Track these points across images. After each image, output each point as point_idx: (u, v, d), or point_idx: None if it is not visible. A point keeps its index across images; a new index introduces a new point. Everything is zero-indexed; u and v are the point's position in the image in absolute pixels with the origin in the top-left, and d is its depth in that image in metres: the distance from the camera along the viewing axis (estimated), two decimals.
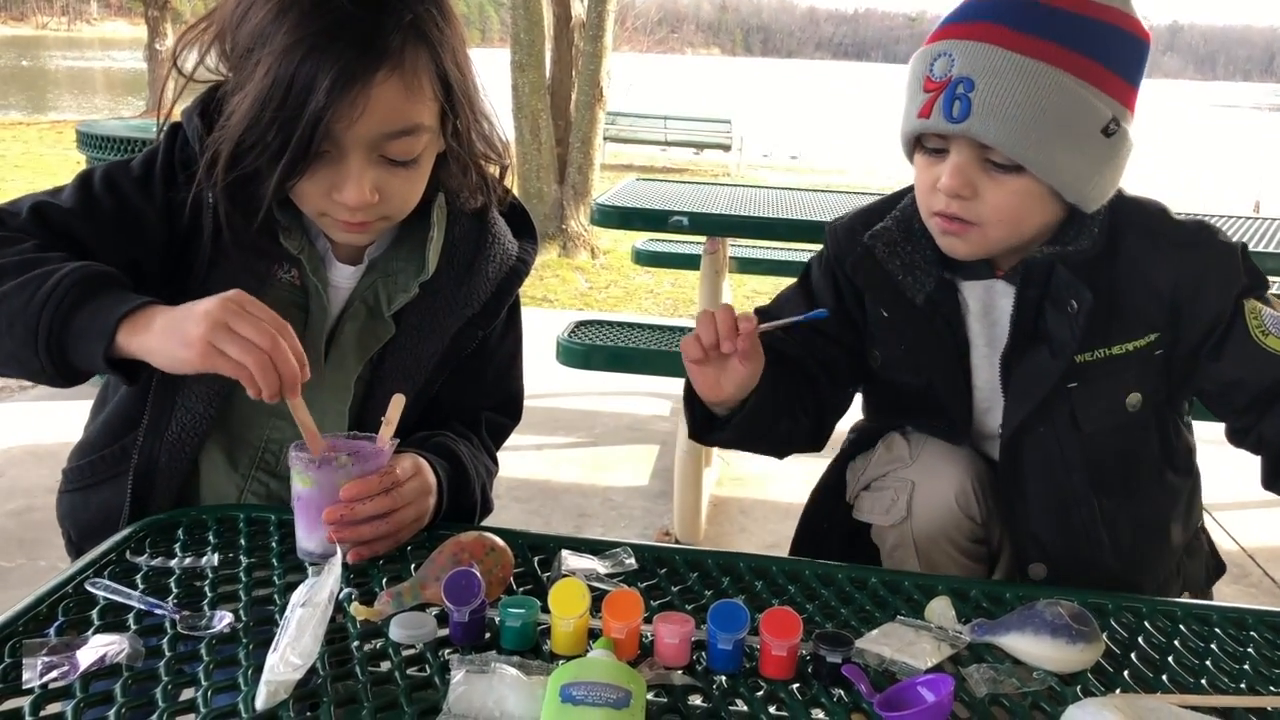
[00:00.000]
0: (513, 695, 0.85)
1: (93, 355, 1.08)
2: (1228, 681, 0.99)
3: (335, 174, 1.17)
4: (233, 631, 0.97)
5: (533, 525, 3.03)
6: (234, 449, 1.31)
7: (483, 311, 1.36)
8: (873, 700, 0.89)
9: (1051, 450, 1.39)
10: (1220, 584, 2.91)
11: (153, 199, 1.24)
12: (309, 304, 1.30)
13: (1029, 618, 1.00)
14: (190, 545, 1.15)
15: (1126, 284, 1.35)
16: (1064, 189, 1.31)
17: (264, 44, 1.12)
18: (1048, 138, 1.27)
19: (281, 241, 1.27)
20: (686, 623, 0.96)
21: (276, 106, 1.10)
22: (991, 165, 1.30)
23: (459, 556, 1.04)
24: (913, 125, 1.34)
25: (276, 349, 1.04)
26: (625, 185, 3.78)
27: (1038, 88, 1.25)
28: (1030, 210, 1.32)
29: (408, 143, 1.17)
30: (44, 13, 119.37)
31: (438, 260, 1.31)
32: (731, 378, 1.29)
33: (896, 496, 1.43)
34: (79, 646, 0.91)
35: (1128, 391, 1.37)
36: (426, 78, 1.16)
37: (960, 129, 1.27)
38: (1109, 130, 1.29)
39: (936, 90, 1.28)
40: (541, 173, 8.40)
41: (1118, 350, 1.35)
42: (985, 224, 1.32)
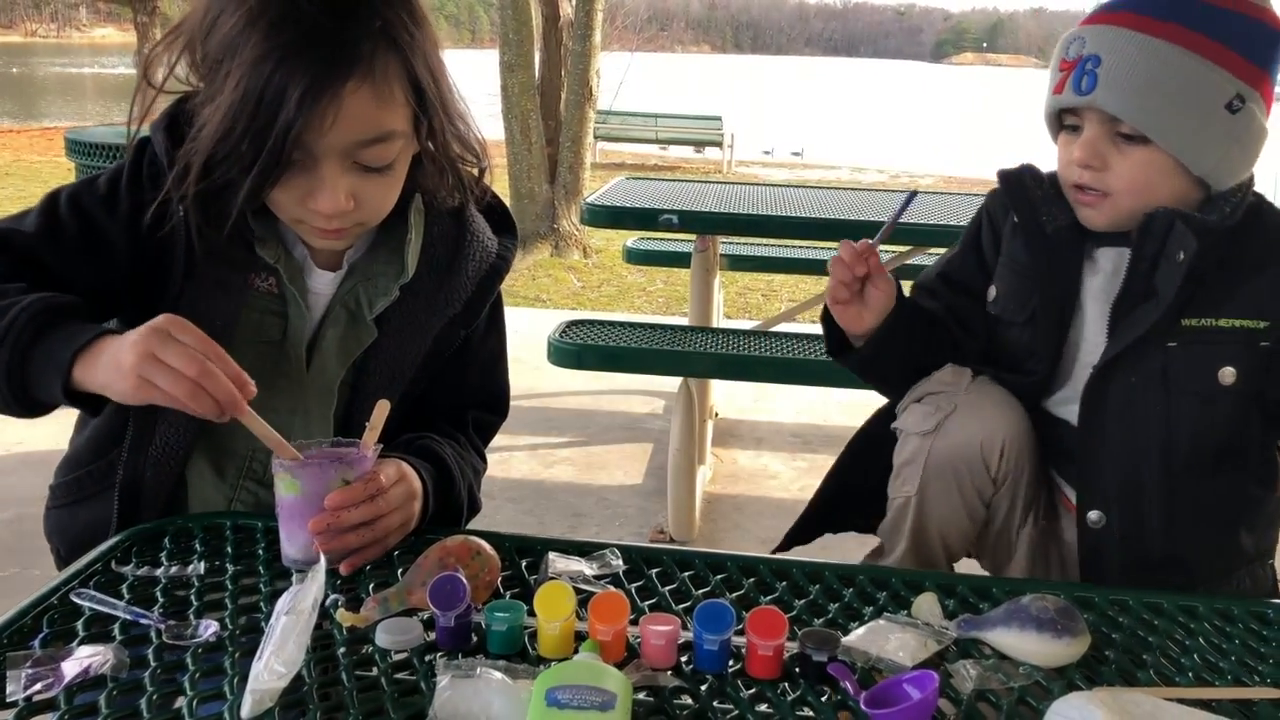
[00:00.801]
0: (498, 700, 0.85)
1: (52, 390, 1.09)
2: (1212, 674, 1.00)
3: (309, 182, 1.16)
4: (219, 640, 0.97)
5: (527, 526, 3.03)
6: (220, 459, 1.30)
7: (465, 310, 1.35)
8: (859, 698, 0.89)
9: (1135, 402, 1.41)
10: None
11: (119, 217, 1.23)
12: (288, 312, 1.29)
13: (1015, 613, 1.00)
14: (176, 554, 1.15)
15: (1251, 264, 1.38)
16: (1189, 161, 1.37)
17: (233, 55, 1.11)
18: (1170, 108, 1.35)
19: (258, 251, 1.26)
20: (672, 624, 0.96)
21: (248, 118, 1.09)
22: (1120, 138, 1.38)
23: (445, 561, 1.04)
24: (1050, 102, 1.45)
25: (205, 375, 1.02)
26: (615, 184, 3.79)
27: (1159, 61, 1.35)
28: (1158, 182, 1.39)
29: (381, 150, 1.17)
30: (33, 20, 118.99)
31: (417, 261, 1.31)
32: (872, 306, 1.45)
33: (935, 410, 1.47)
34: (64, 658, 0.91)
35: (1222, 365, 1.38)
36: (398, 84, 1.16)
37: (1087, 100, 1.38)
38: (1233, 106, 1.36)
39: (1069, 69, 1.40)
40: (532, 172, 8.40)
41: (1224, 323, 1.38)
42: (1116, 194, 1.40)
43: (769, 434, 3.90)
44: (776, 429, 3.95)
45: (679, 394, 3.03)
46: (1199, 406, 1.40)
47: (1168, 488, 1.41)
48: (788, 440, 3.83)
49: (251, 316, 1.27)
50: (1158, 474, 1.41)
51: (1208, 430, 1.41)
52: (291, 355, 1.29)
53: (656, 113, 15.63)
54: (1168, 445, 1.41)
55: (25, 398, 1.11)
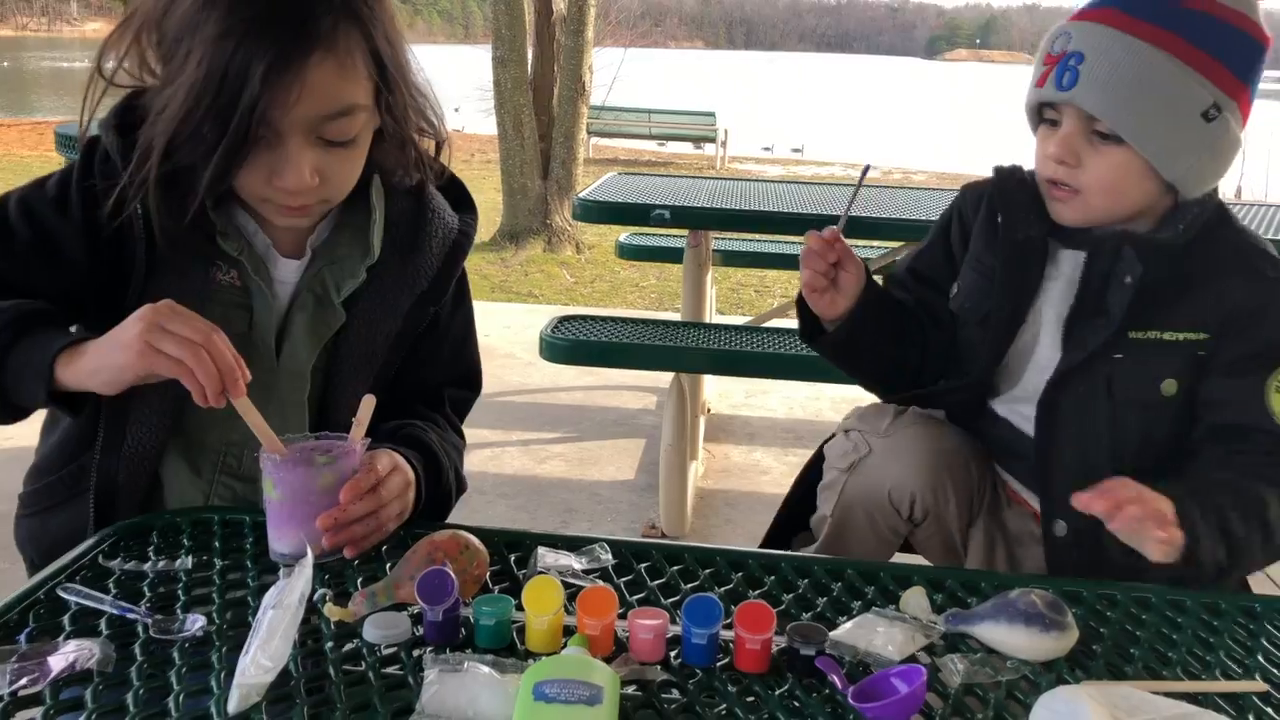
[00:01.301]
0: (486, 694, 0.85)
1: (34, 394, 1.10)
2: (1200, 668, 1.00)
3: (274, 159, 1.15)
4: (206, 635, 0.97)
5: (519, 521, 3.03)
6: (194, 456, 1.29)
7: (431, 288, 1.35)
8: (846, 692, 0.90)
9: (1085, 412, 1.44)
10: None
11: (72, 219, 1.21)
12: (252, 304, 1.28)
13: (1003, 607, 1.00)
14: (164, 549, 1.15)
15: (1199, 281, 1.40)
16: (1160, 165, 1.38)
17: (194, 33, 1.10)
18: (1146, 111, 1.36)
19: (220, 245, 1.25)
20: (661, 618, 0.96)
21: (211, 96, 1.08)
22: (1096, 136, 1.39)
23: (433, 556, 1.04)
24: (1031, 95, 1.46)
25: (212, 343, 1.04)
26: (608, 180, 3.78)
27: (1140, 63, 1.35)
28: (1129, 184, 1.40)
29: (345, 123, 1.16)
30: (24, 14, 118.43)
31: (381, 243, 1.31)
32: (845, 290, 1.46)
33: (853, 449, 1.54)
34: (50, 653, 0.91)
35: (1164, 377, 1.40)
36: (360, 57, 1.15)
37: (1066, 96, 1.39)
38: (1209, 115, 1.36)
39: (1053, 64, 1.41)
40: (525, 168, 8.39)
41: (1168, 337, 1.40)
42: (1087, 192, 1.41)
43: (761, 429, 3.90)
44: (769, 424, 3.95)
45: (671, 389, 3.03)
46: (1143, 415, 1.42)
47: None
48: (780, 435, 3.84)
49: (215, 310, 1.24)
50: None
51: (1153, 437, 1.43)
52: (260, 346, 1.28)
53: (650, 108, 15.62)
54: (1116, 453, 1.43)
55: (4, 402, 1.12)
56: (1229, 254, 1.42)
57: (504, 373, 4.30)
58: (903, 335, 1.57)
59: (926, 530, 1.53)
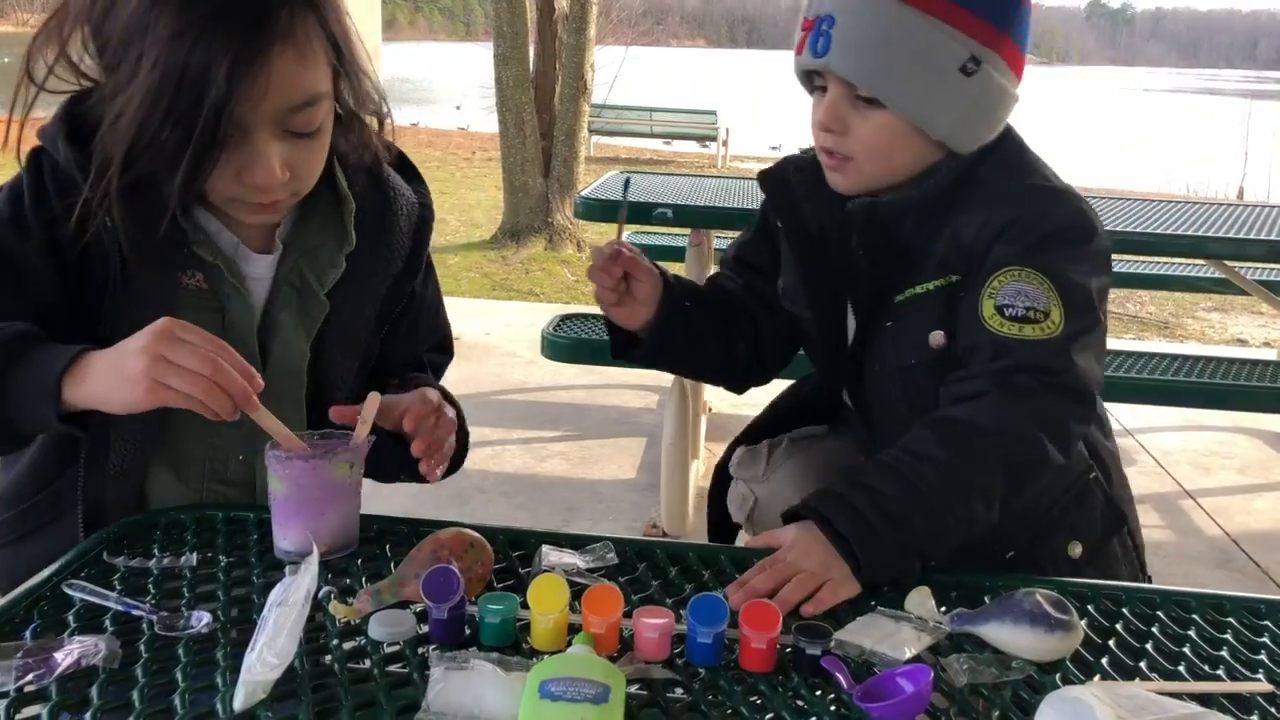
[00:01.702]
0: (491, 691, 0.85)
1: (43, 418, 1.06)
2: (1206, 668, 1.00)
3: (242, 157, 1.13)
4: (211, 632, 0.97)
5: (519, 520, 3.03)
6: (180, 465, 1.27)
7: (407, 266, 1.36)
8: (852, 692, 0.89)
9: (882, 382, 1.44)
10: (1205, 569, 2.94)
11: (30, 238, 1.16)
12: (226, 306, 1.25)
13: (1008, 607, 1.00)
14: (168, 545, 1.15)
15: (949, 230, 1.37)
16: (924, 125, 1.34)
17: (143, 35, 1.06)
18: (901, 72, 1.31)
19: (195, 250, 1.22)
20: (666, 616, 0.96)
21: (170, 100, 1.05)
22: (860, 101, 1.34)
23: (438, 554, 1.04)
24: (794, 63, 1.41)
25: (219, 372, 1.02)
26: (610, 178, 3.78)
27: (889, 22, 1.30)
28: (897, 145, 1.36)
29: (310, 113, 1.15)
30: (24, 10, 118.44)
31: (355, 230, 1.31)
32: (643, 299, 1.42)
33: (743, 501, 1.58)
34: (55, 649, 0.91)
35: (930, 329, 1.37)
36: (319, 43, 1.14)
37: (821, 64, 1.34)
38: (967, 69, 1.32)
39: (809, 28, 1.36)
40: (526, 166, 8.38)
41: (922, 289, 1.38)
42: (858, 159, 1.37)
43: None
44: None
45: (672, 388, 3.03)
46: (929, 374, 1.39)
47: None
48: None
49: (186, 316, 1.17)
50: None
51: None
52: (239, 347, 1.21)
53: (651, 107, 15.60)
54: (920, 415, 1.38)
55: (8, 431, 1.10)
56: (980, 194, 1.37)
57: (505, 371, 4.30)
58: (725, 329, 1.54)
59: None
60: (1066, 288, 1.29)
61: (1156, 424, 3.99)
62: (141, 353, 1.01)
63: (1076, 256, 1.33)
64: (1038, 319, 1.27)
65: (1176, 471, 3.62)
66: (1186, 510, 3.35)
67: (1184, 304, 6.74)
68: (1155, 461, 3.71)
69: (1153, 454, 3.77)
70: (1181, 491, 3.47)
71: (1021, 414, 1.24)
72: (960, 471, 1.19)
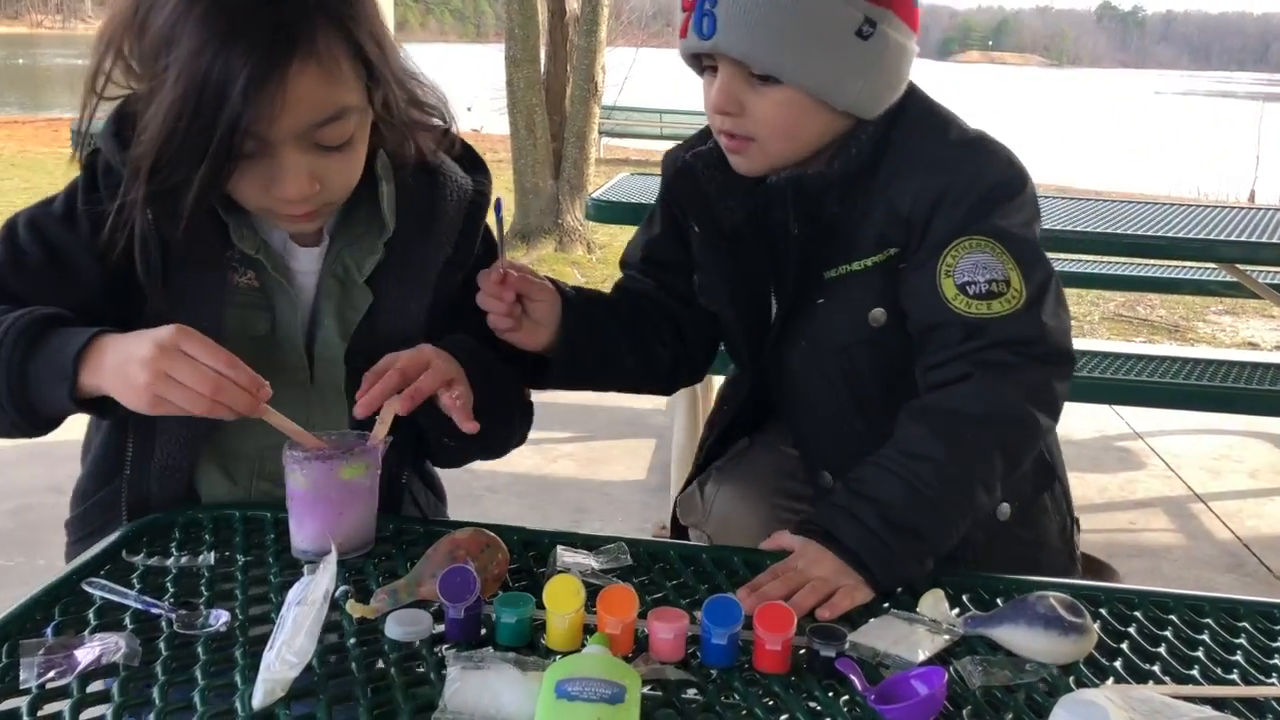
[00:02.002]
0: (508, 691, 0.85)
1: (60, 400, 1.08)
2: (1220, 672, 1.00)
3: (270, 170, 1.13)
4: (229, 630, 0.98)
5: (530, 520, 3.03)
6: (229, 463, 1.29)
7: (456, 252, 1.31)
8: (867, 694, 0.90)
9: (813, 362, 1.40)
10: (1216, 573, 2.94)
11: (80, 234, 1.19)
12: (273, 304, 1.26)
13: (1022, 610, 1.01)
14: (186, 544, 1.16)
15: (877, 200, 1.32)
16: (827, 96, 1.29)
17: (169, 48, 1.07)
18: (794, 45, 1.26)
19: (236, 244, 1.23)
20: (681, 618, 0.96)
21: (190, 115, 1.05)
22: (755, 79, 1.29)
23: (454, 553, 1.05)
24: (681, 47, 1.35)
25: (220, 390, 1.03)
26: (620, 180, 3.78)
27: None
28: (801, 120, 1.31)
29: (337, 128, 1.13)
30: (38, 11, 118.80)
31: (395, 214, 1.28)
32: (543, 320, 1.34)
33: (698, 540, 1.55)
34: (76, 646, 0.92)
35: (870, 307, 1.34)
36: (344, 58, 1.12)
37: (710, 45, 1.28)
38: (864, 32, 1.27)
39: (690, 8, 1.30)
40: (537, 168, 8.40)
41: (858, 266, 1.34)
42: (761, 139, 1.32)
43: None
44: None
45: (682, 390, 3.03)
46: (867, 351, 1.36)
47: (874, 432, 1.32)
48: None
49: (234, 315, 1.23)
50: (860, 427, 1.38)
51: (888, 368, 1.36)
52: (286, 345, 1.26)
53: (661, 108, 15.60)
54: (858, 397, 1.38)
55: (31, 414, 1.11)
56: (903, 158, 1.33)
57: None
58: (638, 335, 1.47)
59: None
60: (1017, 247, 1.27)
61: (1167, 428, 3.98)
62: (145, 365, 1.02)
63: (1014, 209, 1.30)
64: (1001, 291, 1.24)
65: (1187, 475, 3.62)
66: (1197, 514, 3.34)
67: (1195, 307, 6.72)
68: (1166, 465, 3.70)
69: (1163, 457, 3.77)
70: (1192, 495, 3.46)
71: (1007, 392, 1.23)
72: (959, 466, 1.19)
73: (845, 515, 1.15)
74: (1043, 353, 1.25)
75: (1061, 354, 1.27)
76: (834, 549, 1.13)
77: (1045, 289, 1.27)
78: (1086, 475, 3.51)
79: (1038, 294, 1.26)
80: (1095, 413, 3.96)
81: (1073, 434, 3.78)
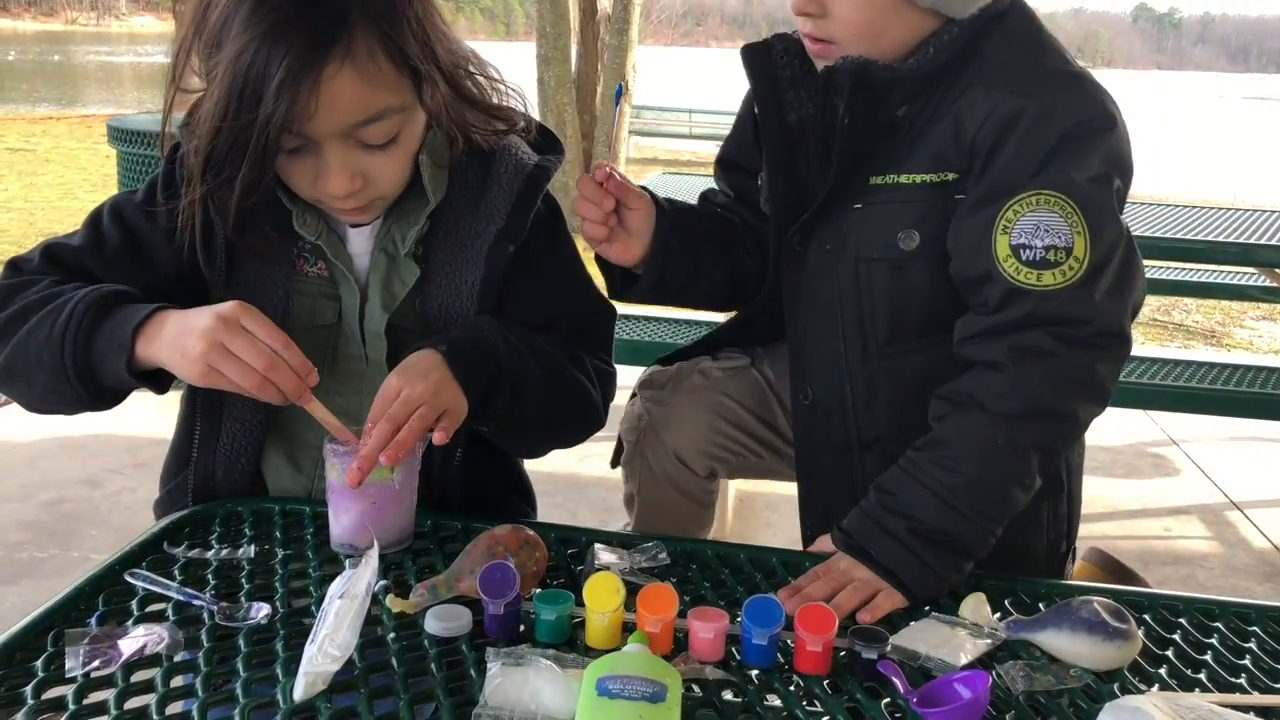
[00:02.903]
0: (549, 688, 0.85)
1: (117, 370, 1.09)
2: (1268, 680, 0.98)
3: (316, 164, 1.14)
4: (269, 623, 0.98)
5: (559, 519, 3.01)
6: (295, 451, 1.30)
7: (508, 224, 1.26)
8: (909, 697, 0.89)
9: (828, 273, 1.32)
10: (1253, 581, 2.90)
11: (158, 224, 1.23)
12: (340, 293, 1.27)
13: (1065, 615, 0.99)
14: (226, 537, 1.16)
15: (946, 112, 1.24)
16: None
17: (220, 47, 1.09)
18: None
19: (298, 230, 1.24)
20: (721, 617, 0.96)
21: (233, 114, 1.07)
22: None
23: (494, 549, 1.05)
24: None
25: (272, 368, 1.04)
26: (652, 180, 3.78)
27: None
28: (886, 21, 1.24)
29: (380, 128, 1.14)
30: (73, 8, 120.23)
31: (446, 187, 1.26)
32: (637, 231, 1.32)
33: (638, 420, 1.55)
34: (120, 636, 0.93)
35: (904, 227, 1.26)
36: (384, 59, 1.11)
37: None
38: None
39: None
40: (567, 166, 8.22)
41: (906, 179, 1.25)
42: (843, 41, 1.26)
43: None
44: None
45: None
46: (887, 274, 1.28)
47: (867, 363, 1.31)
48: None
49: (303, 303, 1.26)
50: (855, 349, 1.32)
51: (903, 300, 1.29)
52: (348, 333, 1.27)
53: (690, 108, 15.60)
54: (863, 318, 1.30)
55: (93, 385, 1.12)
56: (986, 71, 1.23)
57: None
58: (727, 247, 1.42)
59: (739, 468, 1.54)
60: (1089, 207, 1.17)
61: (1203, 434, 3.93)
62: (203, 336, 1.04)
63: (1095, 154, 1.19)
64: (1059, 260, 1.15)
65: (1223, 482, 3.57)
66: (1233, 522, 3.29)
67: (1232, 313, 6.64)
68: (1201, 472, 3.66)
69: (1199, 464, 3.72)
70: (1228, 502, 3.42)
71: (1047, 387, 1.16)
72: (994, 476, 1.16)
73: (877, 530, 1.14)
74: (1090, 335, 1.17)
75: (1111, 337, 1.18)
76: (869, 565, 1.12)
77: (1109, 259, 1.18)
78: (1121, 481, 3.47)
79: (1098, 266, 1.16)
80: (1130, 418, 3.92)
81: (1107, 440, 3.74)
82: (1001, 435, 1.16)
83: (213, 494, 1.26)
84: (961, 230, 1.22)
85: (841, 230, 1.30)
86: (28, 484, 3.01)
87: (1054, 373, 1.17)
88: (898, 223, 1.26)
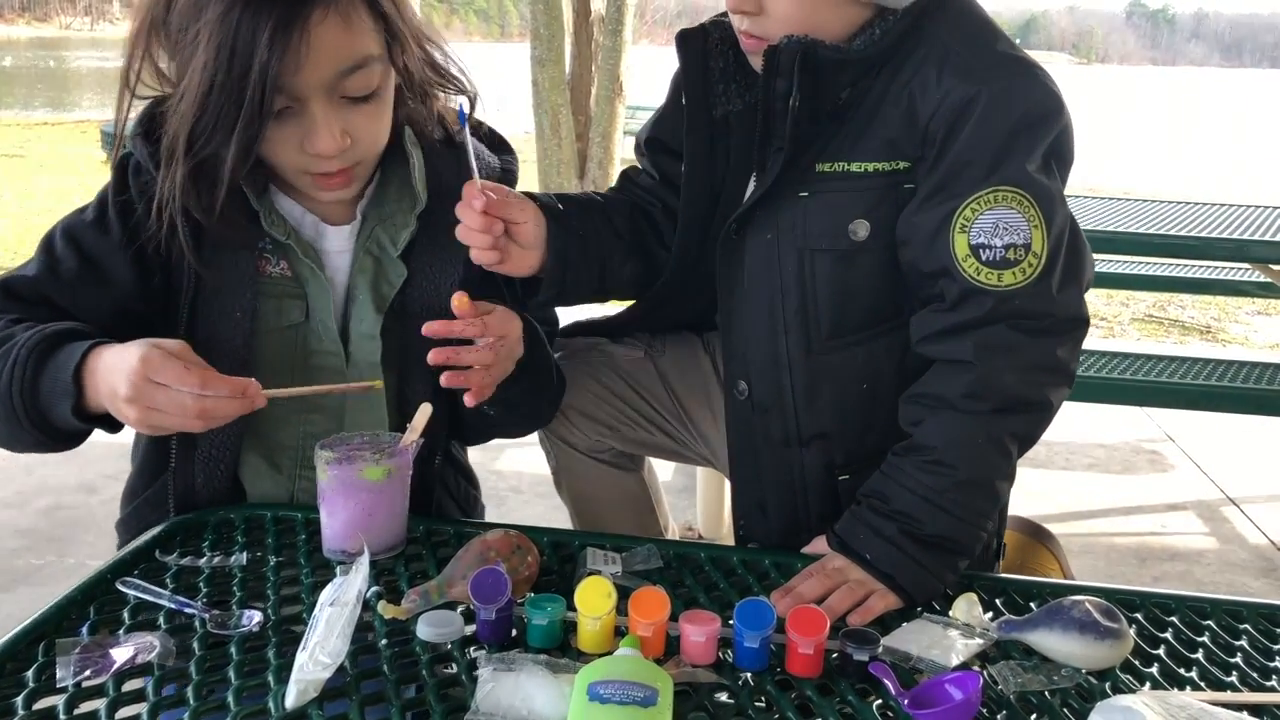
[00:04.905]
0: (540, 693, 0.85)
1: (65, 416, 1.09)
2: (1258, 678, 0.98)
3: (302, 127, 1.16)
4: (261, 630, 0.98)
5: (555, 521, 3.02)
6: (273, 453, 1.30)
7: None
8: (901, 698, 0.89)
9: (769, 258, 1.28)
10: (1249, 577, 2.90)
11: (113, 239, 1.22)
12: (306, 291, 1.27)
13: (1057, 614, 0.99)
14: (218, 544, 1.16)
15: (897, 95, 1.21)
16: None
17: (198, 18, 1.11)
18: None
19: (267, 230, 1.25)
20: (713, 621, 0.96)
21: (225, 72, 1.09)
22: None
23: (485, 555, 1.05)
24: None
25: (204, 413, 1.04)
26: None
27: None
28: (822, 16, 1.21)
29: (363, 76, 1.17)
30: (67, 13, 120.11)
31: (426, 188, 1.29)
32: (529, 242, 1.28)
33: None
34: (112, 645, 0.93)
35: (854, 217, 1.23)
36: (362, 7, 1.16)
37: None
38: None
39: None
40: (562, 168, 8.40)
41: (857, 168, 1.22)
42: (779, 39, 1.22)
43: None
44: None
45: None
46: (834, 265, 1.24)
47: (808, 357, 1.28)
48: None
49: (269, 305, 1.25)
50: (797, 342, 1.28)
51: (848, 292, 1.26)
52: (320, 330, 1.27)
53: None
54: (806, 310, 1.27)
55: (51, 431, 1.12)
56: (935, 53, 1.20)
57: None
58: (641, 239, 1.40)
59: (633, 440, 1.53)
60: (1042, 196, 1.17)
61: (1198, 430, 3.94)
62: (127, 402, 1.03)
63: (1045, 140, 1.19)
64: (1018, 259, 1.15)
65: (1219, 478, 3.57)
66: (1229, 518, 3.30)
67: (1227, 308, 6.64)
68: (1197, 468, 3.66)
69: (1195, 460, 3.73)
70: (1224, 498, 3.42)
71: (1016, 379, 1.16)
72: (980, 474, 1.17)
73: (869, 531, 1.14)
74: (1050, 325, 1.18)
75: (1069, 321, 1.19)
76: (866, 569, 1.12)
77: (1060, 245, 1.18)
78: (1117, 477, 3.48)
79: (1053, 256, 1.17)
80: (1126, 414, 3.92)
81: (1103, 436, 3.75)
82: (981, 434, 1.17)
83: (194, 503, 1.26)
84: (916, 223, 1.21)
85: (786, 219, 1.26)
86: (24, 490, 3.00)
87: (1021, 364, 1.17)
88: (848, 212, 1.23)
